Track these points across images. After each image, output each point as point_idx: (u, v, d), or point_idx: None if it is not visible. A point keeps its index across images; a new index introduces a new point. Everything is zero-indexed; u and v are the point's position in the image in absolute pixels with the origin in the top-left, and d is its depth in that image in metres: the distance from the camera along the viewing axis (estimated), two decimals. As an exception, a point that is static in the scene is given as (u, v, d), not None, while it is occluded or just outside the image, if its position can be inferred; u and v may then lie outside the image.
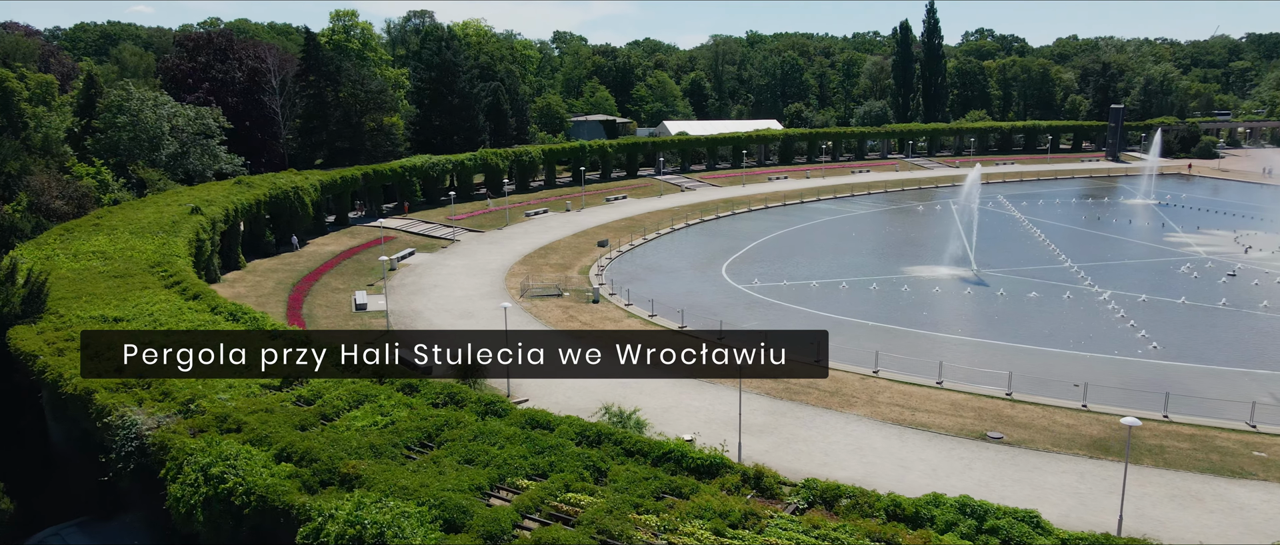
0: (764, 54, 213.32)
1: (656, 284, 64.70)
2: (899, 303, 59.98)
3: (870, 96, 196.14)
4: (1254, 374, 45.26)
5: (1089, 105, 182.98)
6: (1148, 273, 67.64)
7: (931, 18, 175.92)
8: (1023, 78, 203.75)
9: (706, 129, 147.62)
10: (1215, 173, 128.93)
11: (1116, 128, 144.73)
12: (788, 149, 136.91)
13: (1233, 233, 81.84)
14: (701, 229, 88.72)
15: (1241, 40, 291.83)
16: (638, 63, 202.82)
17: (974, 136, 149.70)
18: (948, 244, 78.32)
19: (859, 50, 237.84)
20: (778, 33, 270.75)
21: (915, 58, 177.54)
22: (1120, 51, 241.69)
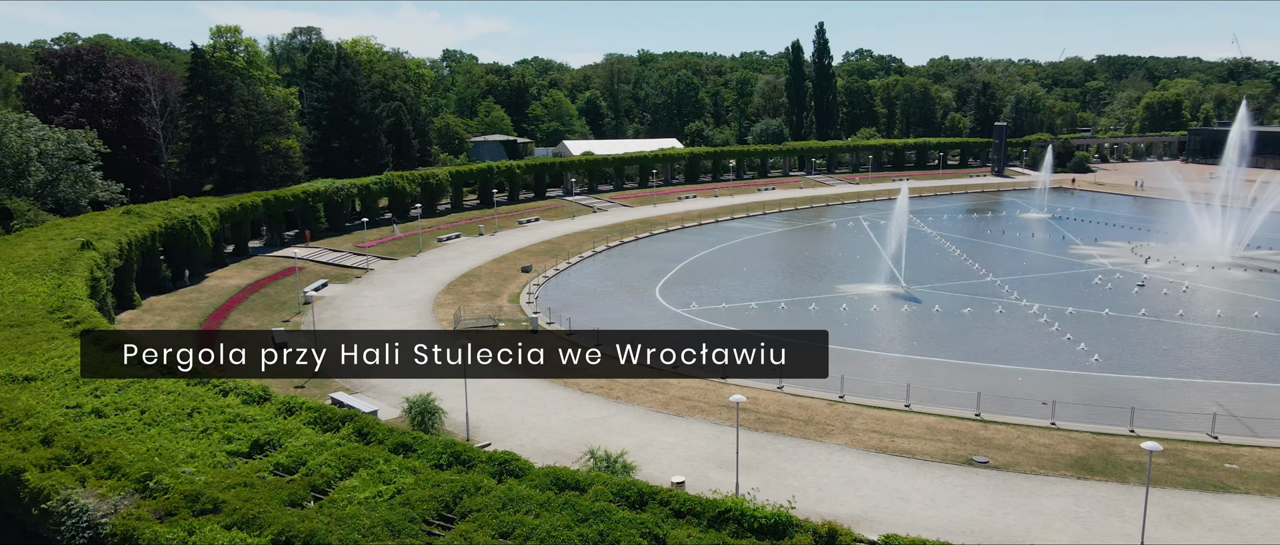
0: (659, 73, 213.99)
1: (592, 310, 62.53)
2: (842, 322, 59.72)
3: (764, 114, 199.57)
4: (1194, 383, 46.75)
5: (969, 123, 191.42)
6: (1065, 285, 69.90)
7: (821, 38, 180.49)
8: (905, 96, 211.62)
9: (608, 148, 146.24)
10: (1093, 186, 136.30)
11: (1000, 144, 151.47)
12: (693, 168, 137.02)
13: (1129, 244, 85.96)
14: (624, 251, 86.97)
15: (1093, 61, 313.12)
16: (532, 82, 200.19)
17: (871, 153, 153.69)
18: (872, 261, 79.36)
19: (747, 69, 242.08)
20: (668, 52, 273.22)
21: (807, 77, 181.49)
22: (990, 72, 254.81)
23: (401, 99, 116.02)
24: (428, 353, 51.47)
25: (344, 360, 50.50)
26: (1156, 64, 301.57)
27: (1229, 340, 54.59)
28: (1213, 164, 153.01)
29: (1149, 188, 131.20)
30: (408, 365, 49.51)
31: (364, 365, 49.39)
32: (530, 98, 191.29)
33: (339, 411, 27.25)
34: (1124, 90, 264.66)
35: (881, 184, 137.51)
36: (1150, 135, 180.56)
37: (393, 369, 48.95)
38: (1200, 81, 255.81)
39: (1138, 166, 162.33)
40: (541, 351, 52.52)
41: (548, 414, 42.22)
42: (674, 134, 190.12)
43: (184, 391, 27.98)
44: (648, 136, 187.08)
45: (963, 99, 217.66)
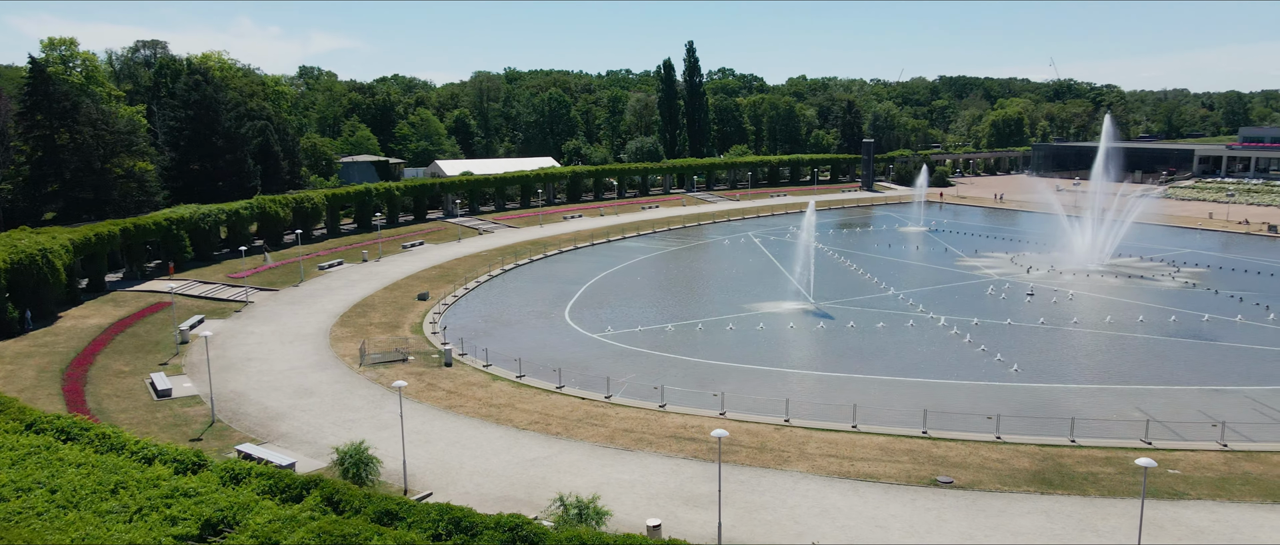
0: (529, 91, 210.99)
1: (505, 338, 59.47)
2: (763, 342, 59.08)
3: (637, 132, 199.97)
4: (1109, 390, 48.49)
5: (832, 140, 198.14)
6: (962, 296, 72.03)
7: (691, 57, 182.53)
8: (771, 114, 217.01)
9: (487, 168, 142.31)
10: (956, 199, 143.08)
11: (868, 160, 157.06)
12: (576, 187, 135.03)
13: (1008, 255, 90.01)
14: (521, 274, 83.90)
15: (936, 81, 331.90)
16: (397, 100, 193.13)
17: (748, 170, 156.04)
18: (775, 278, 79.72)
19: (617, 87, 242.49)
20: (534, 70, 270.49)
21: (678, 95, 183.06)
22: (847, 91, 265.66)
23: (268, 118, 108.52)
24: (342, 393, 47.35)
25: (243, 406, 45.81)
26: (992, 84, 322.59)
27: (1125, 345, 57.26)
28: (1056, 177, 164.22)
29: (1007, 199, 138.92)
30: (323, 408, 45.23)
31: (268, 410, 44.98)
32: (397, 116, 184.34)
33: (298, 477, 23.66)
34: (966, 109, 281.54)
35: (762, 200, 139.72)
36: (998, 150, 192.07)
37: (305, 413, 44.70)
38: (1032, 100, 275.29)
39: (991, 180, 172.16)
40: (464, 385, 49.29)
41: (486, 456, 39.16)
42: (547, 152, 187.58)
43: (97, 461, 23.59)
44: (520, 155, 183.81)
45: (825, 117, 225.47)
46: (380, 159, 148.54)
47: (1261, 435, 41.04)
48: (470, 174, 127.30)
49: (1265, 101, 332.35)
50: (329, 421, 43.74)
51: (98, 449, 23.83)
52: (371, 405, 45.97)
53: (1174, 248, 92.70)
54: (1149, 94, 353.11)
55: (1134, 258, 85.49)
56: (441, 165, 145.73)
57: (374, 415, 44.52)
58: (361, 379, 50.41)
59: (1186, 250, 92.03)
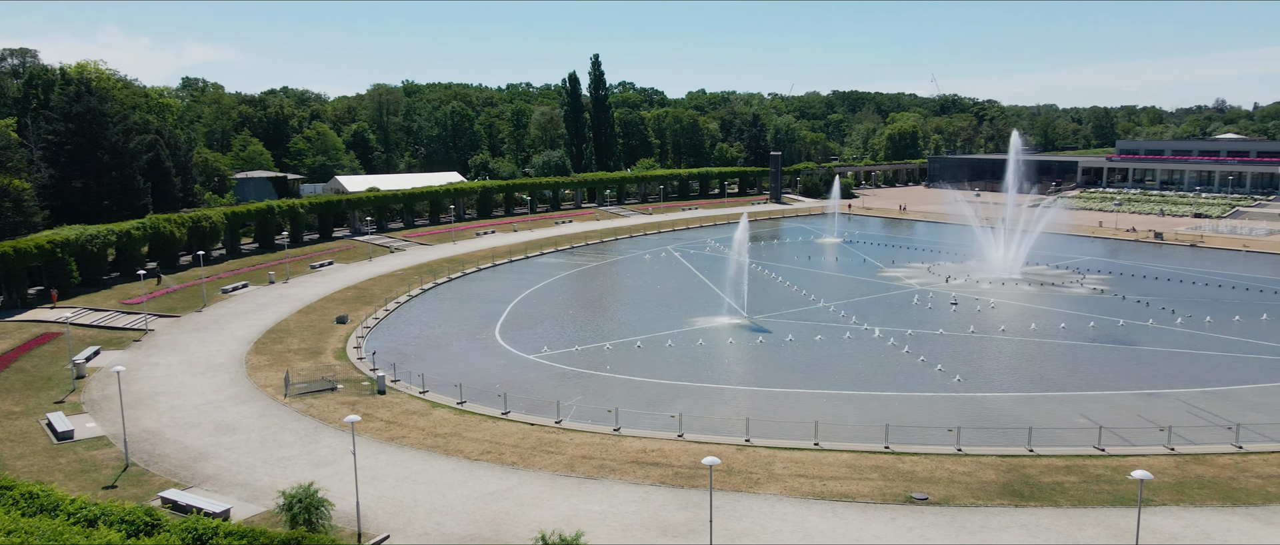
0: (430, 105, 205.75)
1: (436, 362, 56.73)
2: (706, 359, 58.12)
3: (542, 146, 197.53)
4: (1051, 397, 49.42)
5: (736, 153, 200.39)
6: (890, 307, 72.95)
7: (597, 70, 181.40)
8: (675, 127, 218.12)
9: (390, 183, 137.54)
10: (863, 211, 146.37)
11: (776, 173, 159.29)
12: (486, 202, 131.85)
13: (925, 265, 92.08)
14: (442, 294, 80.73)
15: (830, 96, 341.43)
16: (291, 113, 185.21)
17: (660, 184, 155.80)
18: (703, 292, 79.17)
19: (521, 100, 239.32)
20: (433, 83, 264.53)
21: (585, 108, 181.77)
22: (748, 104, 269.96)
23: (158, 132, 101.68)
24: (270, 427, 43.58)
25: (159, 446, 41.77)
26: (882, 99, 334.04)
27: (1054, 352, 58.80)
28: (951, 188, 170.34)
29: (910, 210, 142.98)
30: (250, 445, 41.55)
31: (189, 450, 41.06)
32: (291, 130, 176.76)
33: (274, 534, 20.98)
34: (860, 122, 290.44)
35: (676, 214, 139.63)
36: (896, 163, 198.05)
37: (231, 451, 40.99)
38: (921, 114, 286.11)
39: (891, 191, 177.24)
40: (402, 414, 46.36)
41: (442, 491, 36.67)
42: (452, 167, 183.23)
43: (27, 528, 20.31)
44: (423, 170, 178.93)
45: (727, 130, 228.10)
46: (277, 175, 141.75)
47: (1200, 438, 42.33)
48: (377, 190, 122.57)
49: (1127, 116, 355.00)
50: (259, 460, 40.31)
51: (25, 510, 20.56)
52: (304, 440, 42.69)
53: (1074, 255, 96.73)
54: (1024, 109, 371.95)
55: (1043, 266, 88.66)
56: (342, 181, 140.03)
57: (309, 451, 41.32)
58: (289, 411, 46.90)
59: (1086, 257, 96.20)
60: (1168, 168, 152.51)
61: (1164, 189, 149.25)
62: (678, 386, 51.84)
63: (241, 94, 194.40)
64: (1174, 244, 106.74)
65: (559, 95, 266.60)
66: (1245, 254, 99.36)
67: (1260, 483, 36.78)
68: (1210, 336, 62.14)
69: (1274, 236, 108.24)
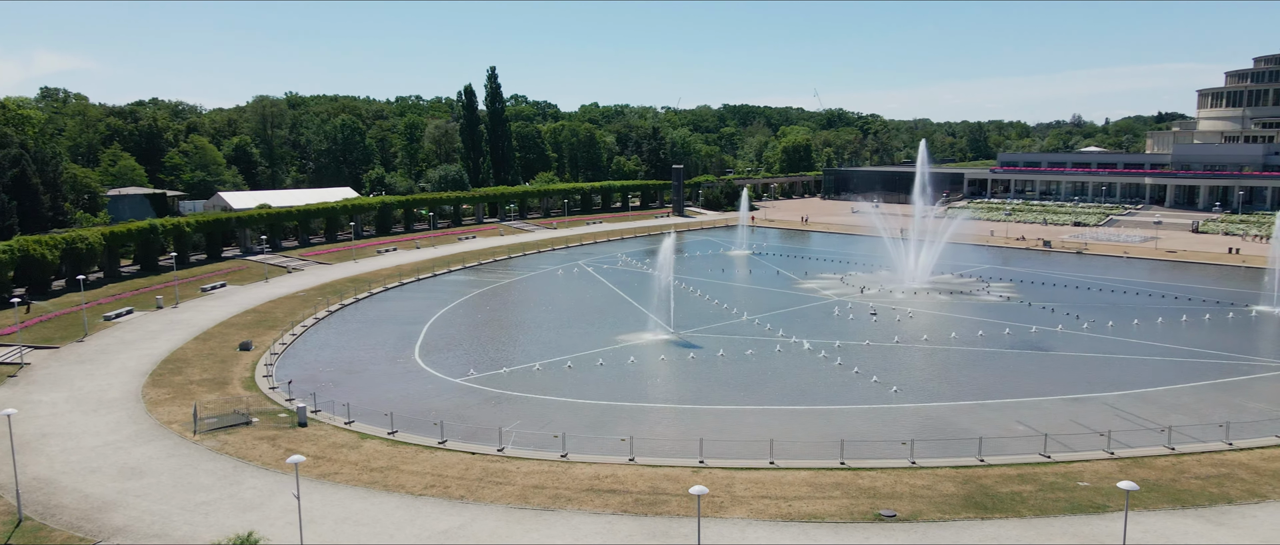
0: (318, 118, 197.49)
1: (357, 389, 53.43)
2: (640, 377, 56.79)
3: (437, 160, 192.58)
4: (986, 404, 50.21)
5: (634, 166, 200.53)
6: (812, 318, 73.36)
7: (493, 83, 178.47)
8: (572, 141, 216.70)
9: (281, 199, 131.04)
10: (765, 223, 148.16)
11: (678, 186, 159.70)
12: (386, 218, 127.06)
13: (837, 276, 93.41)
14: (350, 315, 76.65)
15: (721, 109, 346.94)
16: (166, 125, 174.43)
17: (564, 198, 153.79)
18: (623, 308, 78.03)
19: (413, 113, 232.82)
20: (317, 95, 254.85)
21: (481, 121, 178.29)
22: (642, 118, 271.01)
23: (22, 146, 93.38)
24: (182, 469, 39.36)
25: (55, 496, 37.36)
26: (772, 113, 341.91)
27: (979, 360, 60.10)
28: (856, 199, 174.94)
29: (811, 222, 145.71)
30: (162, 490, 37.49)
31: (91, 499, 36.80)
32: (166, 144, 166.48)
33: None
34: (751, 136, 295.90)
35: (581, 228, 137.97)
36: (792, 175, 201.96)
37: (141, 498, 36.89)
38: (809, 128, 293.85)
39: (789, 203, 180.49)
40: (330, 448, 42.96)
41: (389, 531, 34.03)
42: (343, 182, 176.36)
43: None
44: (312, 185, 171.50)
45: (624, 143, 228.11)
46: (154, 192, 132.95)
47: (1134, 441, 43.59)
48: (269, 206, 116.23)
49: (997, 130, 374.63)
50: (175, 507, 36.58)
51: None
52: (224, 482, 39.06)
53: (974, 264, 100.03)
54: (903, 123, 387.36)
55: (948, 275, 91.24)
56: (226, 197, 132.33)
57: (231, 493, 37.79)
58: (201, 450, 42.96)
59: (985, 266, 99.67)
60: (1046, 179, 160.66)
61: (1043, 199, 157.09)
62: (617, 407, 50.30)
63: (108, 105, 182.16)
64: (1062, 251, 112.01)
65: (450, 108, 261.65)
66: (1126, 260, 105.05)
67: (1201, 483, 37.96)
68: (1116, 340, 64.83)
69: (1149, 243, 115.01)
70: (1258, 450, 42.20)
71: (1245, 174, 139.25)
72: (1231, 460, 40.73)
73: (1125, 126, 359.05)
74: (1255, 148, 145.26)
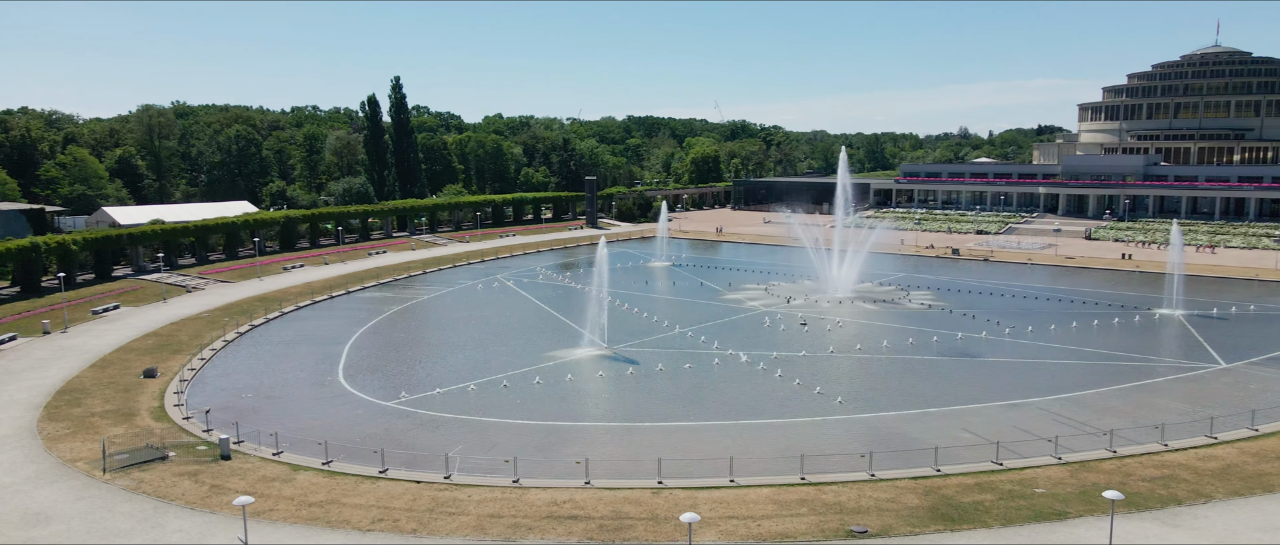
0: (210, 129, 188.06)
1: (282, 417, 50.11)
2: (581, 395, 55.23)
3: (339, 172, 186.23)
4: (930, 413, 50.59)
5: (542, 177, 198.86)
6: (744, 330, 73.12)
7: (398, 93, 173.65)
8: (480, 152, 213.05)
9: (176, 214, 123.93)
10: (680, 234, 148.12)
11: (592, 198, 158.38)
12: (290, 233, 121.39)
13: (762, 286, 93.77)
14: (261, 337, 72.37)
15: (626, 120, 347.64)
16: (40, 136, 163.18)
17: (475, 210, 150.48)
18: (553, 322, 76.44)
19: (309, 124, 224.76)
20: (207, 104, 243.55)
21: (386, 132, 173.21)
22: (548, 129, 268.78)
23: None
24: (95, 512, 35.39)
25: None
26: (676, 124, 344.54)
27: (914, 368, 60.79)
28: (756, 210, 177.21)
29: (726, 232, 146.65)
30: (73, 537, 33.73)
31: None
32: (41, 156, 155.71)
33: None
34: (657, 147, 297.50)
35: (494, 241, 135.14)
36: (702, 186, 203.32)
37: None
38: (714, 139, 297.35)
39: (701, 214, 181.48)
40: (260, 482, 39.75)
41: (340, 574, 31.50)
42: (238, 195, 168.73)
43: None
44: (205, 199, 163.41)
45: (531, 154, 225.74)
46: (31, 207, 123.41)
47: (1077, 445, 44.50)
48: (163, 222, 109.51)
49: (893, 142, 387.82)
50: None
51: None
52: (146, 525, 35.68)
53: (890, 272, 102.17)
54: (803, 134, 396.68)
55: (869, 284, 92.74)
56: (111, 213, 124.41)
57: (156, 538, 34.54)
58: (114, 490, 39.25)
59: (900, 274, 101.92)
60: (947, 188, 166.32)
61: (945, 208, 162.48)
62: (562, 427, 48.63)
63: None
64: (970, 259, 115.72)
65: (350, 119, 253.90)
66: (1031, 266, 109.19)
67: (1149, 486, 38.88)
68: (1038, 345, 66.77)
69: (1049, 250, 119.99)
70: (1191, 450, 43.65)
71: (1129, 184, 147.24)
72: (1171, 461, 41.96)
73: (1009, 139, 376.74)
74: (1137, 159, 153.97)
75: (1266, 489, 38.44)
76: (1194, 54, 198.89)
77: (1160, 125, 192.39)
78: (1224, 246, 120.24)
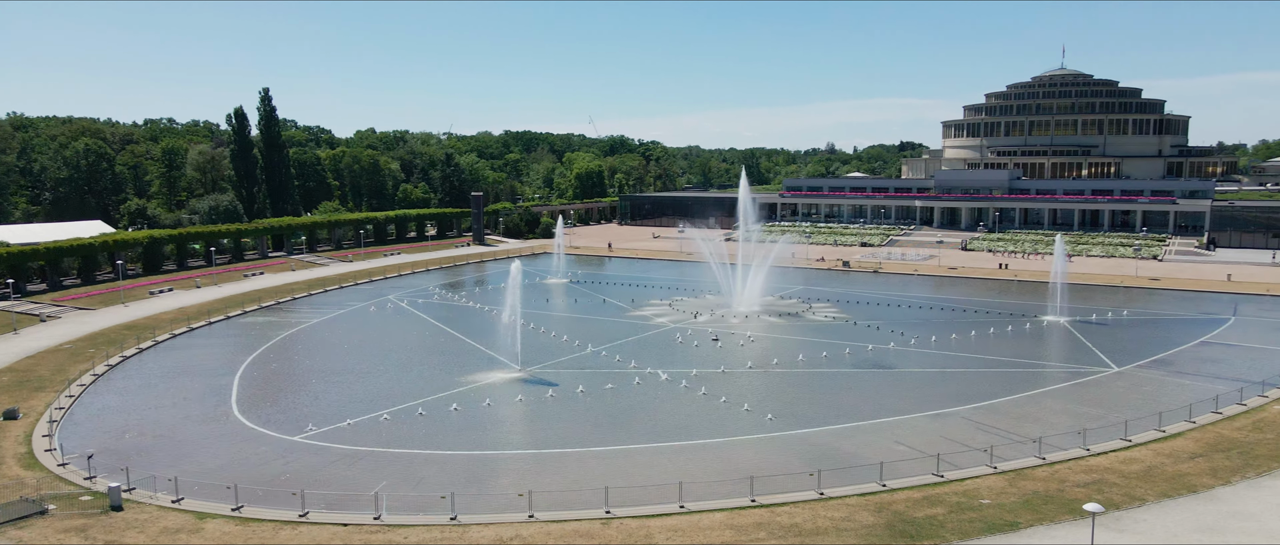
0: (55, 142, 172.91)
1: (177, 457, 45.63)
2: (505, 421, 52.72)
3: (201, 189, 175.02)
4: (861, 426, 50.75)
5: (422, 193, 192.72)
6: (658, 347, 72.03)
7: (267, 106, 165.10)
8: (356, 168, 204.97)
9: (19, 235, 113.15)
10: (571, 250, 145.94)
11: (478, 214, 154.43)
12: (154, 255, 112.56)
13: (665, 302, 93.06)
14: (137, 369, 66.14)
15: (503, 135, 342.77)
16: None
17: (356, 228, 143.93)
18: (456, 345, 73.62)
19: (167, 138, 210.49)
20: (47, 115, 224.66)
21: (255, 147, 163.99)
22: (425, 144, 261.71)
23: None
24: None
25: None
26: (554, 139, 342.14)
27: (835, 381, 61.08)
28: (644, 225, 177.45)
29: (617, 248, 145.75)
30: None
31: None
32: None
33: None
34: (537, 162, 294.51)
35: (379, 260, 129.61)
36: (587, 202, 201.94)
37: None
38: (593, 154, 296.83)
39: (588, 229, 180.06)
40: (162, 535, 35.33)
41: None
42: (88, 214, 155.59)
43: None
44: (49, 219, 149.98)
45: (409, 170, 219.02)
46: None
47: (1010, 454, 45.29)
48: (6, 245, 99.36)
49: (767, 157, 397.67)
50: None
51: None
52: (32, 592, 31.15)
53: (787, 286, 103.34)
54: (679, 149, 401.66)
55: (771, 297, 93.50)
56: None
57: (46, 608, 30.12)
58: (-13, 552, 34.30)
59: (798, 287, 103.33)
60: (829, 202, 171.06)
61: (828, 221, 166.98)
62: (492, 456, 46.15)
63: None
64: (860, 271, 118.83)
65: (212, 133, 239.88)
66: (918, 277, 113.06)
67: (1084, 492, 39.81)
68: (945, 355, 68.56)
69: (931, 261, 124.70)
70: (1112, 454, 45.18)
71: (996, 197, 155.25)
72: (1097, 466, 43.26)
73: (875, 154, 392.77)
74: (1002, 174, 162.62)
75: (1190, 489, 40.05)
76: (1043, 76, 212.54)
77: (1017, 142, 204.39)
78: (1086, 255, 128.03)
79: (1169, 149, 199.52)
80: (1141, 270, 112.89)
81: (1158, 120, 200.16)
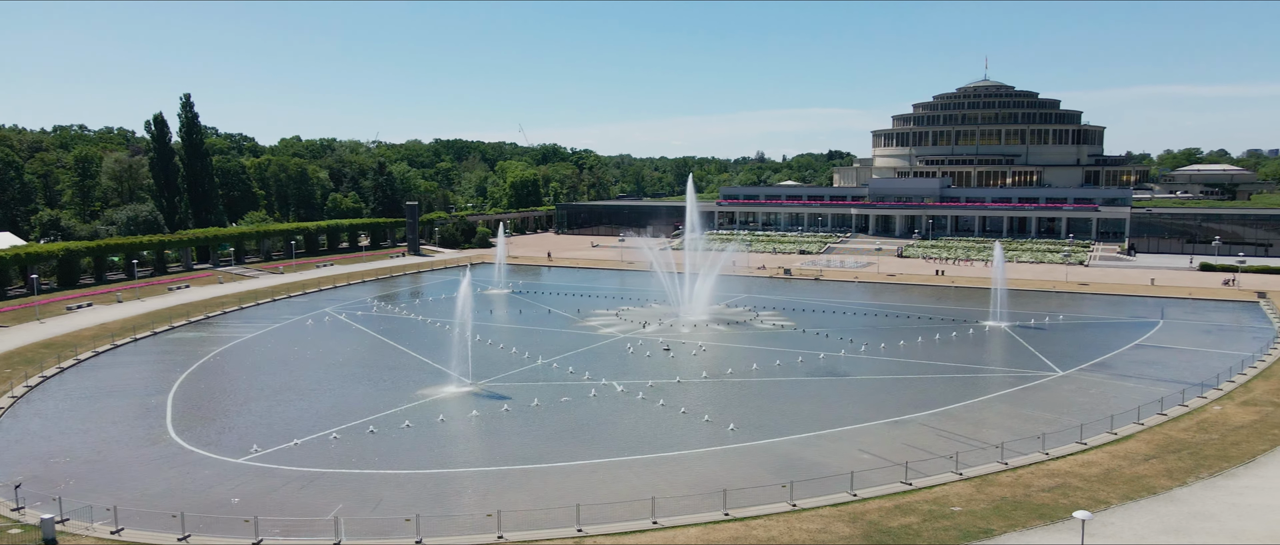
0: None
1: (113, 484, 42.98)
2: (458, 436, 51.13)
3: (118, 199, 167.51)
4: (823, 435, 50.55)
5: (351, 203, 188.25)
6: (610, 358, 71.07)
7: (189, 112, 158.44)
8: (282, 177, 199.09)
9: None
10: (510, 260, 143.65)
11: (413, 224, 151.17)
12: (71, 268, 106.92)
13: (612, 311, 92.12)
14: (58, 390, 62.34)
15: (434, 143, 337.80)
16: None
17: (286, 239, 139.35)
18: (401, 358, 71.66)
19: (75, 146, 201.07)
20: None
21: (176, 154, 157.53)
22: (354, 152, 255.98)
23: None
24: None
25: None
26: (485, 148, 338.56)
27: (790, 390, 61.01)
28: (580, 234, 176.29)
29: (556, 257, 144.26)
30: None
31: None
32: None
33: None
34: (469, 171, 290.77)
35: (312, 272, 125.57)
36: (523, 210, 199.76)
37: None
38: (526, 163, 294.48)
39: (525, 239, 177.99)
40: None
41: None
42: None
43: None
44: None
45: (338, 179, 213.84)
46: None
47: (972, 460, 45.64)
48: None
49: (699, 166, 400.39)
50: None
51: None
52: (-38, 639, 28.61)
53: (733, 294, 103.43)
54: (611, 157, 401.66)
55: (720, 306, 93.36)
56: None
57: (-21, 655, 27.67)
58: (-93, 596, 31.45)
59: (743, 295, 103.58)
60: (767, 210, 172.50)
61: (766, 229, 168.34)
62: (453, 475, 44.58)
63: None
64: (801, 278, 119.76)
65: (127, 140, 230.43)
66: (858, 284, 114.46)
67: (1050, 497, 40.25)
68: (895, 361, 69.19)
69: (870, 268, 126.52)
70: (1070, 457, 45.89)
71: (928, 205, 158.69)
72: (1059, 470, 43.85)
73: (805, 162, 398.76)
74: (933, 182, 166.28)
75: (1150, 491, 40.82)
76: (968, 87, 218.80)
77: (944, 151, 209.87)
78: (1016, 261, 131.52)
79: (1087, 158, 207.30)
80: (1071, 275, 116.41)
81: (1076, 130, 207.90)
